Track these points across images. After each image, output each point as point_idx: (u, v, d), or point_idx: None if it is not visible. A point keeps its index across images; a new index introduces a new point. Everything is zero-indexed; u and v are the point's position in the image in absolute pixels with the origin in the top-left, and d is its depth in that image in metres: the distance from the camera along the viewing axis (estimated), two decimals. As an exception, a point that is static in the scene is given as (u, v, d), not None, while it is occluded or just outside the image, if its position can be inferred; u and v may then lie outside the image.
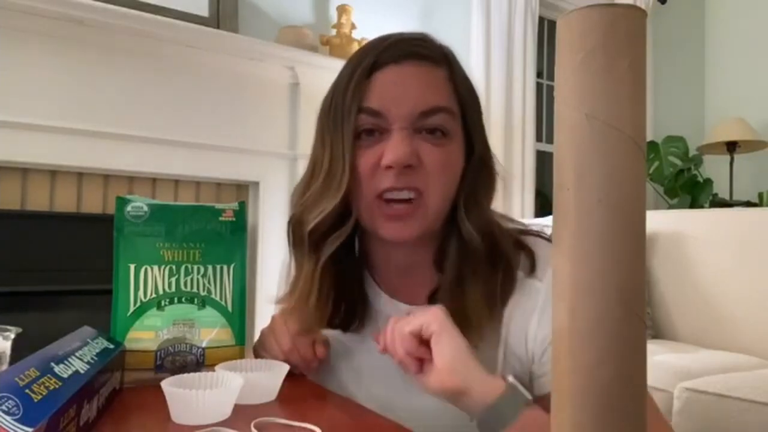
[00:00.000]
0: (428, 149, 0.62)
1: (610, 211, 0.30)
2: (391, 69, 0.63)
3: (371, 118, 0.63)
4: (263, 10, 2.31)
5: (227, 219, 0.71)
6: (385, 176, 0.62)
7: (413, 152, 0.61)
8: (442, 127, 0.63)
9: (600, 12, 0.30)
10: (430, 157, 0.62)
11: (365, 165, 0.63)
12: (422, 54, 0.64)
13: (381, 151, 0.62)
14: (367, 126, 0.63)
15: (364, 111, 0.63)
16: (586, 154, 0.30)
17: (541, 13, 3.17)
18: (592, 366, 0.30)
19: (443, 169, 0.63)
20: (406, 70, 0.63)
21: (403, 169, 0.61)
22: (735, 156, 3.32)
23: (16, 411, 0.37)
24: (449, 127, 0.63)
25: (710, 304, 2.18)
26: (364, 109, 0.63)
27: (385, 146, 0.62)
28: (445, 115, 0.63)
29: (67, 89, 1.80)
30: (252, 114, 2.13)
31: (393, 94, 0.62)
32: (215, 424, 0.52)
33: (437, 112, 0.63)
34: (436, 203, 0.63)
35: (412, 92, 0.62)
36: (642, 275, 0.30)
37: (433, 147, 0.62)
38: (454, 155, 0.64)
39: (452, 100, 0.64)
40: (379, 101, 0.62)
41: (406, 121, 0.62)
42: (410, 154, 0.61)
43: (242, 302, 0.71)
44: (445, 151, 0.63)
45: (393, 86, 0.63)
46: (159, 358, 0.66)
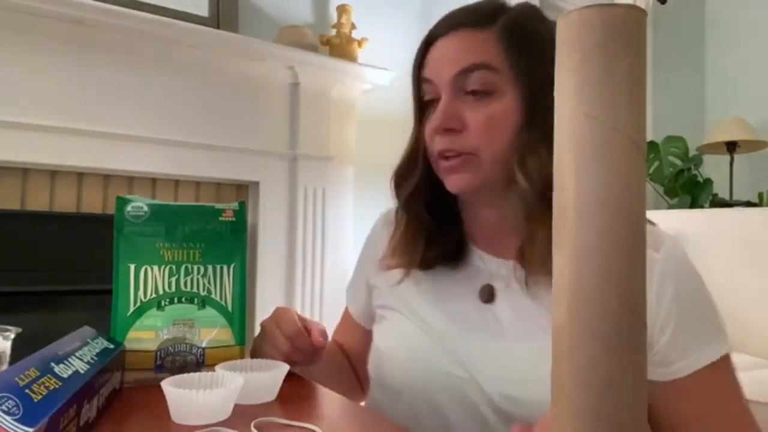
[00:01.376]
0: (471, 111, 0.67)
1: (610, 211, 0.30)
2: (438, 41, 0.71)
3: (428, 86, 0.71)
4: (263, 10, 2.31)
5: (227, 219, 0.71)
6: (436, 140, 0.69)
7: (452, 116, 0.67)
8: (483, 85, 0.67)
9: (600, 12, 0.30)
10: (472, 118, 0.67)
11: (428, 130, 0.71)
12: (463, 22, 0.70)
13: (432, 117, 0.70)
14: (429, 96, 0.71)
15: (423, 81, 0.72)
16: (586, 154, 0.30)
17: (541, 13, 3.16)
18: (592, 366, 0.30)
19: (489, 128, 0.67)
20: (447, 39, 0.70)
21: (446, 132, 0.68)
22: (735, 156, 3.32)
23: (16, 411, 0.37)
24: (493, 84, 0.67)
25: (710, 304, 2.17)
26: (423, 79, 0.72)
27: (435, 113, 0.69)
28: (485, 71, 0.67)
29: (68, 89, 1.80)
30: (252, 114, 2.13)
31: (436, 62, 0.70)
32: (215, 424, 0.52)
33: (474, 69, 0.67)
34: (489, 160, 0.68)
35: (449, 56, 0.69)
36: (642, 275, 0.30)
37: (476, 108, 0.67)
38: (500, 111, 0.67)
39: (497, 57, 0.67)
40: (429, 70, 0.71)
41: (449, 85, 0.68)
42: (448, 117, 0.67)
43: (242, 302, 0.71)
44: (490, 109, 0.67)
45: (439, 55, 0.70)
46: (159, 358, 0.66)
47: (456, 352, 0.69)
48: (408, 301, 0.76)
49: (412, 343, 0.73)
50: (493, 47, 0.67)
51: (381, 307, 0.81)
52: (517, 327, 0.68)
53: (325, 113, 2.28)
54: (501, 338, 0.68)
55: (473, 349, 0.69)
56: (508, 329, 0.68)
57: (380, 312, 0.81)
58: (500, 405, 0.65)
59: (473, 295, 0.72)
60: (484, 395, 0.66)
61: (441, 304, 0.74)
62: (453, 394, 0.68)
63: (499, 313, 0.70)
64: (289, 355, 0.69)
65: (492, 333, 0.69)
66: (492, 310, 0.70)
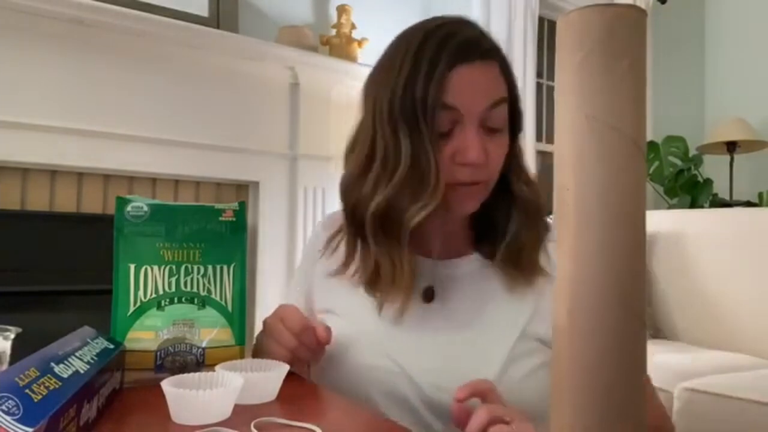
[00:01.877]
0: (492, 145, 0.70)
1: (610, 211, 0.30)
2: (465, 67, 0.68)
3: (448, 114, 0.68)
4: (263, 10, 2.31)
5: (227, 219, 0.71)
6: (461, 170, 0.69)
7: (485, 149, 0.69)
8: (504, 120, 0.71)
9: (600, 12, 0.30)
10: (494, 154, 0.71)
11: (446, 160, 0.69)
12: (485, 50, 0.70)
13: (456, 144, 0.68)
14: (447, 127, 0.69)
15: (444, 107, 0.67)
16: (586, 154, 0.30)
17: (541, 13, 3.17)
18: (592, 366, 0.30)
19: (501, 157, 0.72)
20: (477, 69, 0.68)
21: (477, 166, 0.69)
22: (735, 156, 3.32)
23: (16, 411, 0.37)
24: (506, 118, 0.72)
25: (710, 304, 2.18)
26: (444, 105, 0.67)
27: (459, 141, 0.68)
28: (505, 105, 0.71)
29: (67, 89, 1.80)
30: (252, 114, 2.13)
31: (467, 90, 0.68)
32: (215, 424, 0.52)
33: (501, 103, 0.70)
34: (492, 184, 0.73)
35: (482, 89, 0.69)
36: (642, 275, 0.30)
37: (495, 142, 0.71)
38: (506, 142, 0.73)
39: (505, 90, 0.71)
40: (454, 97, 0.67)
41: (477, 117, 0.69)
42: (482, 151, 0.69)
43: (242, 302, 0.71)
44: (501, 141, 0.72)
45: (467, 83, 0.68)
46: (159, 358, 0.66)
47: (388, 345, 0.73)
48: (343, 301, 0.78)
49: (347, 340, 0.75)
50: (501, 80, 0.71)
51: (320, 312, 0.82)
52: (454, 321, 0.73)
53: (325, 113, 2.28)
54: (437, 332, 0.73)
55: (406, 342, 0.72)
56: (445, 324, 0.73)
57: (320, 317, 0.81)
58: (432, 396, 0.68)
59: (416, 297, 0.75)
60: (415, 387, 0.69)
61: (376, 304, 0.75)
62: (385, 388, 0.71)
63: (437, 310, 0.74)
64: (295, 350, 0.69)
65: (429, 328, 0.73)
66: (430, 308, 0.75)
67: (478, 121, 0.68)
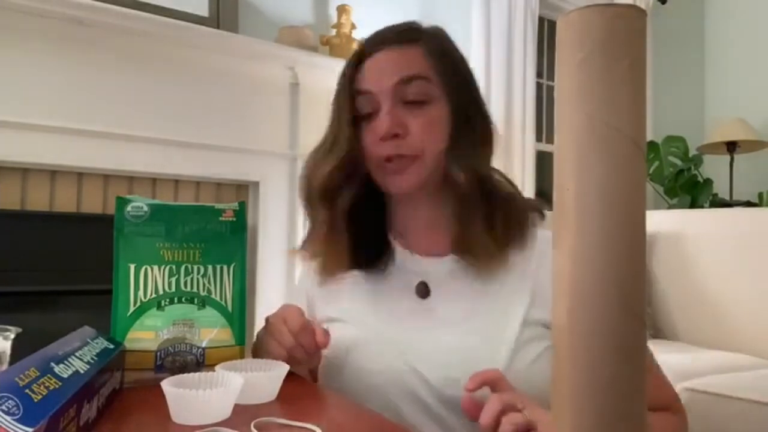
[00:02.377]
0: (412, 118, 0.74)
1: (610, 211, 0.30)
2: (374, 56, 0.77)
3: (364, 98, 0.76)
4: (263, 10, 2.31)
5: (227, 219, 0.71)
6: (381, 145, 0.74)
7: (398, 122, 0.74)
8: (421, 94, 0.74)
9: (600, 12, 0.30)
10: (414, 124, 0.74)
11: (368, 140, 0.76)
12: (396, 39, 0.78)
13: (376, 125, 0.75)
14: (367, 109, 0.76)
15: (357, 93, 0.77)
16: (586, 154, 0.30)
17: (541, 13, 3.17)
18: (592, 366, 0.30)
19: (428, 130, 0.74)
20: (384, 54, 0.77)
21: (393, 138, 0.73)
22: (735, 156, 3.32)
23: (16, 411, 0.37)
24: (428, 93, 0.75)
25: (710, 304, 2.18)
26: (358, 91, 0.77)
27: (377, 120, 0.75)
28: (421, 81, 0.75)
29: (67, 89, 1.80)
30: (252, 114, 2.13)
31: (376, 73, 0.76)
32: (215, 424, 0.52)
33: (414, 79, 0.74)
34: (430, 159, 0.75)
35: (390, 68, 0.76)
36: (642, 275, 0.30)
37: (416, 115, 0.74)
38: (436, 116, 0.75)
39: (429, 69, 0.76)
40: (367, 82, 0.76)
41: (389, 94, 0.74)
42: (394, 124, 0.73)
43: (242, 302, 0.71)
44: (428, 115, 0.75)
45: (376, 68, 0.77)
46: (159, 358, 0.66)
47: (396, 345, 0.73)
48: (345, 307, 0.80)
49: (355, 345, 0.75)
50: (422, 61, 0.76)
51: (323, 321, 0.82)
52: (453, 315, 0.74)
53: (325, 113, 2.27)
54: (439, 327, 0.74)
55: (412, 340, 0.73)
56: (445, 318, 0.74)
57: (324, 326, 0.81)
58: (443, 391, 0.69)
59: (410, 293, 0.78)
60: (426, 383, 0.70)
61: (378, 305, 0.78)
62: (398, 387, 0.72)
63: (436, 306, 0.76)
64: (292, 350, 0.69)
65: (430, 324, 0.74)
66: (429, 304, 0.77)
67: (391, 97, 0.74)
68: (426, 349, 0.72)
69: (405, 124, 0.74)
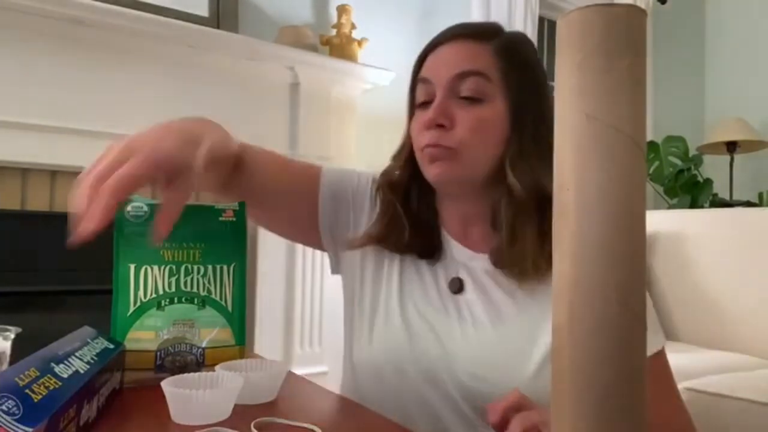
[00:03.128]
0: (462, 112, 0.73)
1: (610, 211, 0.30)
2: (440, 47, 0.77)
3: (424, 86, 0.76)
4: (263, 10, 2.31)
5: (227, 219, 0.71)
6: (426, 134, 0.74)
7: (445, 113, 0.73)
8: (476, 91, 0.73)
9: (600, 12, 0.30)
10: (462, 118, 0.73)
11: (417, 127, 0.76)
12: (468, 34, 0.76)
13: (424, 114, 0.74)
14: (423, 98, 0.76)
15: (419, 81, 0.78)
16: (586, 154, 0.30)
17: (541, 13, 3.17)
18: (592, 366, 0.30)
19: (476, 130, 0.73)
20: (450, 46, 0.76)
21: (436, 128, 0.73)
22: (735, 156, 3.32)
23: (16, 411, 0.37)
24: (484, 92, 0.73)
25: (710, 304, 2.18)
26: (419, 80, 0.78)
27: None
28: (478, 78, 0.73)
29: (67, 89, 1.80)
30: (252, 114, 2.13)
31: (437, 63, 0.76)
32: (215, 424, 0.52)
33: (470, 75, 0.73)
34: (472, 159, 0.73)
35: (451, 60, 0.75)
36: (642, 275, 0.30)
37: (466, 110, 0.73)
38: (488, 116, 0.73)
39: (493, 68, 0.74)
40: (428, 71, 0.77)
41: (444, 85, 0.74)
42: (441, 114, 0.72)
43: (242, 302, 0.70)
44: (478, 113, 0.73)
45: (438, 58, 0.76)
46: (159, 358, 0.66)
47: (430, 333, 0.74)
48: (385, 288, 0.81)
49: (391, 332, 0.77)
50: (488, 59, 0.74)
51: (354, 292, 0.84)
52: (484, 314, 0.74)
53: (325, 113, 2.28)
54: (470, 324, 0.74)
55: (445, 332, 0.74)
56: (476, 316, 0.74)
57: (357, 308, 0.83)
58: (468, 383, 0.70)
59: (444, 286, 0.78)
60: (453, 373, 0.71)
61: (413, 294, 0.78)
62: (426, 374, 0.72)
63: (469, 302, 0.76)
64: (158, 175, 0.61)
65: (462, 320, 0.75)
66: (461, 300, 0.76)
67: (446, 89, 0.73)
68: (462, 339, 0.73)
69: (452, 116, 0.73)
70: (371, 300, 0.81)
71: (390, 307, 0.79)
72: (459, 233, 0.81)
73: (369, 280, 0.82)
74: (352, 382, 0.81)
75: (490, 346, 0.72)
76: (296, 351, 2.19)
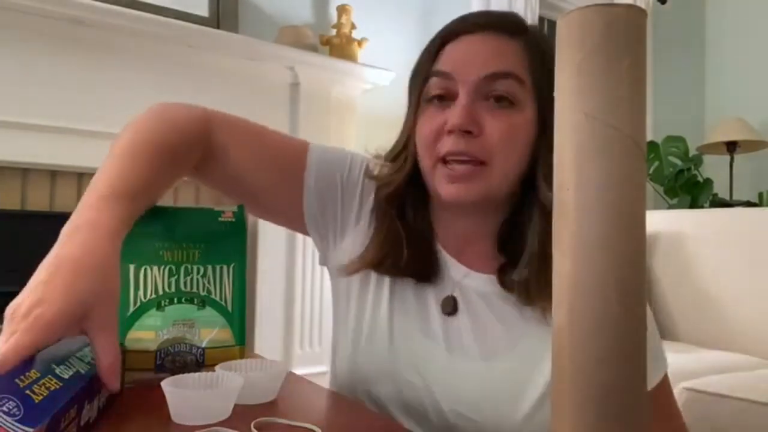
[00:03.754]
0: (491, 118, 0.63)
1: (610, 211, 0.30)
2: (464, 38, 0.66)
3: (441, 81, 0.65)
4: (263, 10, 2.31)
5: (227, 219, 0.71)
6: (447, 140, 0.64)
7: (474, 119, 0.63)
8: (509, 94, 0.64)
9: (600, 12, 0.30)
10: (492, 126, 0.63)
11: (431, 128, 0.65)
12: (496, 25, 0.66)
13: (447, 115, 0.64)
14: (437, 91, 0.66)
15: (434, 74, 0.66)
16: (586, 154, 0.30)
17: (541, 13, 3.17)
18: (592, 366, 0.30)
19: (507, 139, 0.63)
20: (477, 38, 0.66)
21: (463, 134, 0.63)
22: (735, 156, 3.32)
23: (17, 412, 0.37)
24: (517, 96, 0.64)
25: (710, 304, 2.18)
26: (435, 72, 0.66)
27: (451, 109, 0.64)
28: (512, 81, 0.64)
29: (67, 89, 1.80)
30: (252, 114, 2.10)
31: (462, 57, 0.65)
32: (215, 424, 0.52)
33: (503, 77, 0.64)
34: (500, 173, 0.64)
35: (480, 56, 0.64)
36: (642, 275, 0.30)
37: (496, 116, 0.63)
38: (521, 125, 0.64)
39: (524, 70, 0.65)
40: (449, 64, 0.65)
41: (472, 85, 0.63)
42: (471, 119, 0.62)
43: (242, 302, 0.70)
44: (510, 120, 0.64)
45: (463, 51, 0.65)
46: (159, 358, 0.66)
47: (416, 360, 0.68)
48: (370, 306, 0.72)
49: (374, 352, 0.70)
50: (520, 59, 0.65)
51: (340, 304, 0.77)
52: (475, 344, 0.66)
53: (325, 113, 2.28)
54: (458, 353, 0.67)
55: (432, 360, 0.67)
56: (466, 345, 0.67)
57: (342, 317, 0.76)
58: (450, 420, 0.65)
59: (436, 306, 0.70)
60: (437, 407, 0.65)
61: (403, 312, 0.70)
62: (407, 407, 0.67)
63: (460, 327, 0.68)
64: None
65: (450, 347, 0.67)
66: (453, 323, 0.68)
67: (474, 90, 0.63)
68: (443, 373, 0.66)
69: (481, 122, 0.63)
70: (356, 315, 0.73)
71: (376, 327, 0.70)
72: (454, 249, 0.72)
73: (354, 296, 0.74)
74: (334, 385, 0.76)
75: (478, 380, 0.64)
76: (296, 351, 2.19)
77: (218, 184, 0.75)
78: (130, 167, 0.62)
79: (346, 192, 0.75)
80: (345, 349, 0.73)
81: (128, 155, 0.63)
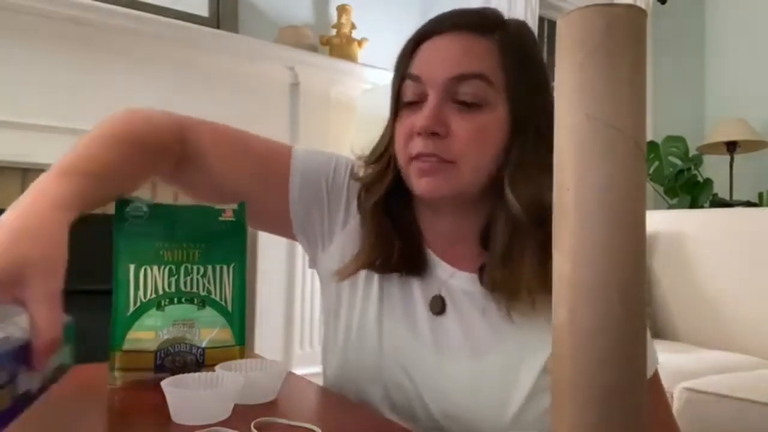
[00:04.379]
0: (459, 119, 0.64)
1: (611, 211, 0.30)
2: (436, 38, 0.66)
3: (413, 84, 0.66)
4: (263, 10, 2.31)
5: (227, 219, 0.71)
6: (417, 141, 0.65)
7: (441, 120, 0.64)
8: (476, 97, 0.64)
9: (600, 12, 0.30)
10: (459, 127, 0.64)
11: (403, 131, 0.67)
12: (469, 24, 0.66)
13: (416, 115, 0.65)
14: (410, 97, 0.67)
15: (407, 76, 0.67)
16: (586, 154, 0.30)
17: (541, 13, 3.17)
18: (592, 366, 0.30)
19: (474, 139, 0.64)
20: (446, 39, 0.66)
21: (430, 136, 0.64)
22: (735, 156, 3.32)
23: None
24: (485, 97, 0.64)
25: (710, 304, 2.18)
26: (408, 75, 0.67)
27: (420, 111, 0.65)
28: (480, 82, 0.64)
29: (67, 89, 1.80)
30: (252, 114, 2.13)
31: (431, 59, 0.66)
32: (215, 424, 0.52)
33: (471, 78, 0.64)
34: (470, 171, 0.65)
35: (448, 58, 0.65)
36: (642, 275, 0.30)
37: (464, 117, 0.64)
38: (488, 124, 0.65)
39: (494, 69, 0.65)
40: (419, 67, 0.66)
41: (440, 87, 0.64)
42: (436, 121, 0.63)
43: (242, 302, 0.70)
44: (478, 121, 0.64)
45: (433, 53, 0.66)
46: (159, 358, 0.66)
47: (404, 361, 0.68)
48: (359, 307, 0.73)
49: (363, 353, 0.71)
50: (491, 57, 0.65)
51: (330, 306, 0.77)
52: (463, 344, 0.67)
53: (324, 113, 2.28)
54: (446, 353, 0.67)
55: (420, 360, 0.67)
56: (454, 345, 0.67)
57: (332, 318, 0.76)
58: (439, 420, 0.65)
59: (424, 305, 0.70)
60: (425, 407, 0.66)
61: (392, 312, 0.71)
62: (397, 403, 0.68)
63: (448, 327, 0.68)
64: None
65: (439, 347, 0.67)
66: (441, 322, 0.69)
67: (441, 91, 0.64)
68: (431, 373, 0.66)
69: (448, 123, 0.64)
70: (346, 316, 0.73)
71: (365, 328, 0.71)
72: (441, 248, 0.72)
73: (344, 298, 0.74)
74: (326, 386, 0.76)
75: (466, 380, 0.65)
76: (296, 351, 2.19)
77: (200, 192, 0.75)
78: (95, 152, 0.62)
79: (331, 196, 0.76)
80: (335, 349, 0.74)
81: (95, 144, 0.64)
